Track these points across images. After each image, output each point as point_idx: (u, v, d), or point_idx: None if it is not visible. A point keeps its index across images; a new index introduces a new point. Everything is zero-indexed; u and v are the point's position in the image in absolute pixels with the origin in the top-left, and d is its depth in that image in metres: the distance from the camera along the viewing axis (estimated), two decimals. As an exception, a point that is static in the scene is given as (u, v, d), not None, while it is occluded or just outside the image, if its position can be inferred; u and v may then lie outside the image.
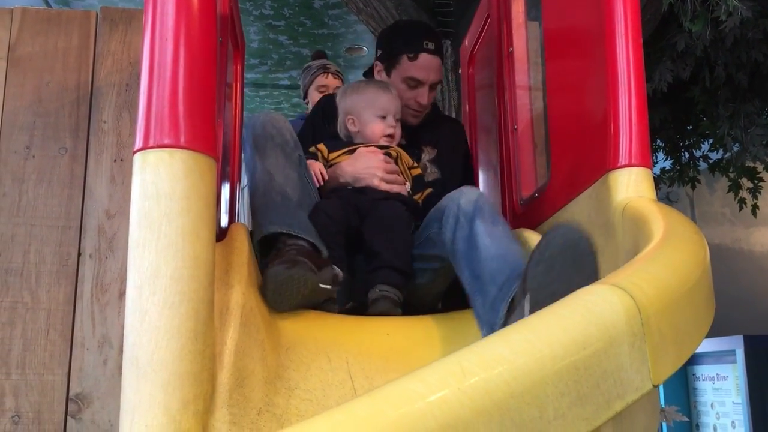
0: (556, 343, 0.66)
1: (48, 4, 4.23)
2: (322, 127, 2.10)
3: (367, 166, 1.84)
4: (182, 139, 1.10)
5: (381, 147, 1.91)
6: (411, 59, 2.03)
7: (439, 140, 2.09)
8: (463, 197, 1.55)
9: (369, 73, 2.21)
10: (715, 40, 2.92)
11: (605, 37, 1.31)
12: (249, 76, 5.02)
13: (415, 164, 1.97)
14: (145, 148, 1.10)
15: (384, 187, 1.82)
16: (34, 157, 2.03)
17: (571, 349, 0.66)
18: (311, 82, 2.91)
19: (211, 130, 1.16)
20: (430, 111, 2.17)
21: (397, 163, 1.92)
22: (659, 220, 1.02)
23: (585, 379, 0.66)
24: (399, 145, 1.97)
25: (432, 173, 2.04)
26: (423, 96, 2.04)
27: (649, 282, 0.76)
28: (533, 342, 0.65)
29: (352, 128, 1.97)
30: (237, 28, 2.15)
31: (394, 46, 2.09)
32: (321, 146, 1.97)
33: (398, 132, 1.94)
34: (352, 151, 1.93)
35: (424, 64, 2.02)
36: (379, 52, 2.14)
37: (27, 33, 2.09)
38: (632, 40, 1.28)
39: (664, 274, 0.79)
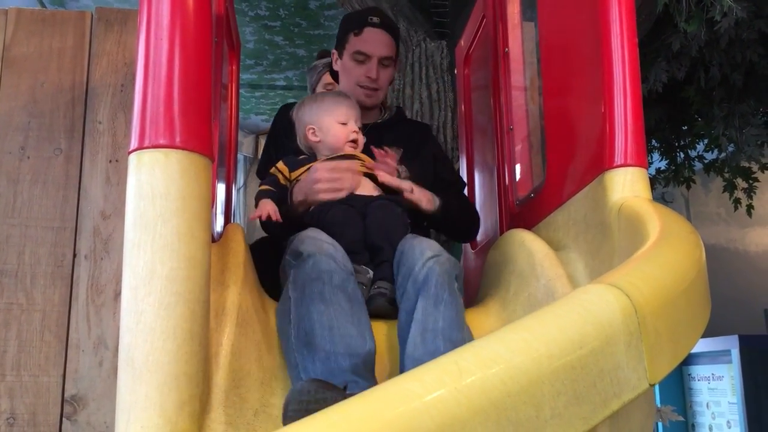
0: (553, 342, 0.66)
1: (43, 5, 4.22)
2: (285, 144, 2.04)
3: (309, 180, 1.80)
4: (177, 139, 1.09)
5: (343, 157, 1.86)
6: (356, 35, 2.06)
7: (403, 140, 2.06)
8: (419, 260, 1.51)
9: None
10: (710, 41, 2.93)
11: (601, 38, 1.31)
12: (244, 76, 5.01)
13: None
14: (140, 148, 1.10)
15: (328, 197, 1.76)
16: (29, 158, 2.03)
17: (567, 348, 0.66)
18: (318, 81, 2.81)
19: (206, 130, 1.15)
20: (396, 114, 2.19)
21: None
22: (655, 219, 1.02)
23: (581, 378, 0.66)
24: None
25: (403, 172, 1.99)
26: (372, 70, 2.04)
27: (646, 281, 0.76)
28: (530, 341, 0.65)
29: (313, 138, 1.91)
30: (232, 28, 2.15)
31: (343, 29, 2.13)
32: (280, 165, 1.92)
33: (362, 138, 1.89)
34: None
35: (369, 38, 2.04)
36: (335, 43, 2.17)
37: (22, 33, 2.09)
38: (627, 41, 1.28)
39: (660, 274, 0.80)
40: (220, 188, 1.94)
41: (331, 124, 1.87)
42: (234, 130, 2.21)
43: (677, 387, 4.54)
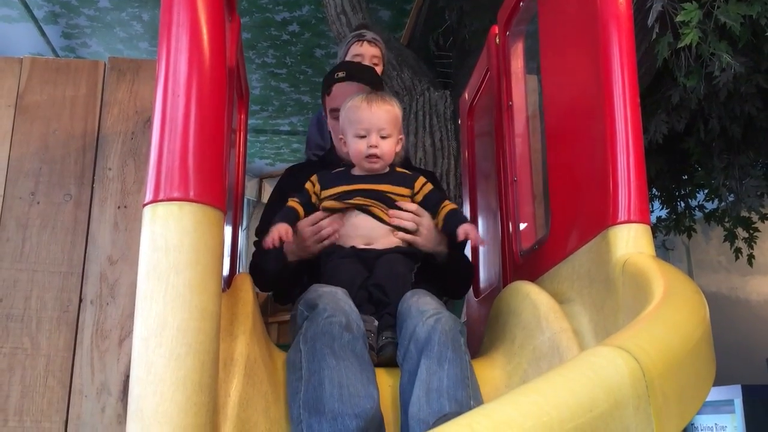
0: (563, 406, 0.67)
1: (55, 52, 4.31)
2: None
3: (297, 243, 1.80)
4: (191, 193, 1.12)
5: (367, 191, 1.81)
6: (328, 95, 2.07)
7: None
8: (420, 319, 1.50)
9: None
10: (709, 94, 2.98)
11: (603, 95, 1.35)
12: (250, 122, 5.09)
13: (416, 189, 1.86)
14: (155, 201, 1.12)
15: (317, 249, 1.78)
16: (38, 203, 2.06)
17: (578, 412, 0.67)
18: (346, 53, 2.70)
19: (219, 184, 1.18)
20: (403, 160, 2.12)
21: (386, 201, 1.81)
22: (659, 278, 1.04)
23: (591, 442, 0.67)
24: (395, 171, 1.87)
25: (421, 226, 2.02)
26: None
27: (652, 344, 0.78)
28: (541, 404, 0.67)
29: (344, 149, 1.88)
30: (242, 78, 2.20)
31: (321, 93, 2.14)
32: (313, 178, 1.88)
33: (386, 148, 1.79)
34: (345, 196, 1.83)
35: (339, 92, 2.02)
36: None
37: (36, 81, 2.14)
38: (630, 99, 1.32)
39: (667, 336, 0.81)
40: (227, 231, 1.96)
41: (352, 138, 1.82)
42: (241, 175, 2.24)
43: (680, 437, 4.48)
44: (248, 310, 1.39)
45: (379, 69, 2.62)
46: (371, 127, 1.78)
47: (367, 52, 2.64)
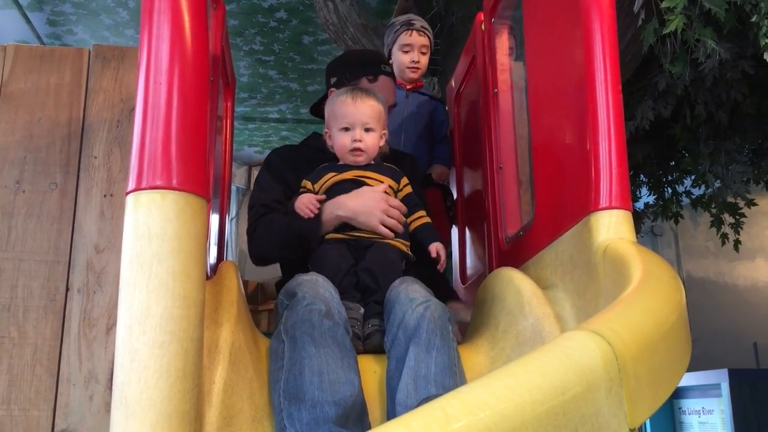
0: (536, 389, 0.68)
1: (40, 39, 4.27)
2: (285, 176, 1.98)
3: (370, 205, 1.77)
4: (174, 181, 1.12)
5: (365, 179, 1.83)
6: (371, 80, 2.06)
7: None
8: (409, 307, 1.51)
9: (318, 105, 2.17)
10: (695, 80, 2.99)
11: (585, 82, 1.35)
12: (238, 109, 5.06)
13: (402, 185, 1.90)
14: (137, 189, 1.12)
15: (381, 230, 1.77)
16: (24, 192, 2.05)
17: (550, 395, 0.68)
18: (394, 42, 2.58)
19: (202, 172, 1.18)
20: (387, 153, 2.12)
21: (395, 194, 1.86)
22: (638, 263, 1.05)
23: (564, 424, 0.68)
24: (383, 165, 1.90)
25: None
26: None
27: (626, 327, 0.79)
28: (514, 388, 0.68)
29: (329, 142, 1.90)
30: (228, 65, 2.19)
31: (354, 71, 2.10)
32: (304, 182, 1.90)
33: (369, 143, 1.83)
34: (340, 189, 1.83)
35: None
36: (333, 80, 2.13)
37: (20, 69, 2.12)
38: (611, 86, 1.33)
39: (641, 320, 0.82)
40: (214, 219, 1.96)
41: (335, 130, 1.86)
42: (228, 162, 2.24)
43: (667, 421, 4.54)
44: (233, 298, 1.39)
45: (426, 58, 2.58)
46: (355, 121, 1.81)
47: (416, 42, 2.53)
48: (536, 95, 1.75)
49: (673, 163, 4.04)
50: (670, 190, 4.15)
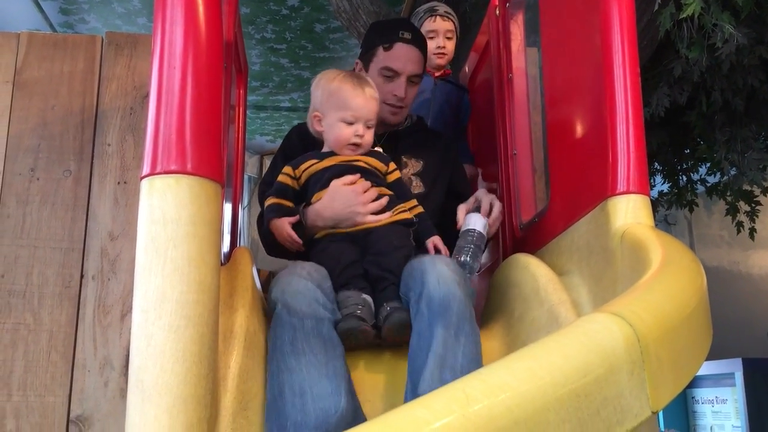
0: (557, 371, 0.68)
1: (53, 28, 4.27)
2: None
3: (347, 206, 1.67)
4: (189, 166, 1.12)
5: (349, 165, 1.73)
6: (386, 49, 1.94)
7: (424, 153, 1.98)
8: (433, 278, 1.41)
9: None
10: (711, 66, 2.96)
11: (603, 67, 1.34)
12: (250, 98, 5.06)
13: (390, 169, 1.80)
14: (152, 174, 1.12)
15: (370, 219, 1.66)
16: (38, 179, 2.06)
17: (572, 377, 0.68)
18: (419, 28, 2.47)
19: (217, 157, 1.18)
20: (416, 123, 2.08)
21: (369, 175, 1.74)
22: (657, 247, 1.04)
23: (585, 406, 0.67)
24: (369, 152, 1.79)
25: (416, 187, 1.93)
26: (400, 88, 1.93)
27: (648, 310, 0.78)
28: (535, 369, 0.67)
29: (317, 127, 1.78)
30: (240, 52, 2.19)
31: (371, 39, 2.01)
32: (285, 168, 1.77)
33: (368, 140, 1.75)
34: (321, 179, 1.72)
35: (400, 54, 1.92)
36: (360, 51, 2.07)
37: (33, 57, 2.13)
38: (630, 70, 1.31)
39: (663, 303, 0.81)
40: (227, 208, 1.96)
41: (336, 121, 1.73)
42: (241, 151, 2.24)
43: (681, 410, 4.52)
44: (247, 284, 1.39)
45: (452, 43, 2.50)
46: (361, 116, 1.72)
47: (441, 27, 2.47)
48: (552, 80, 1.73)
49: (688, 150, 4.00)
50: (684, 178, 4.11)
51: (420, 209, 1.78)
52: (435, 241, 1.72)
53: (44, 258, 2.00)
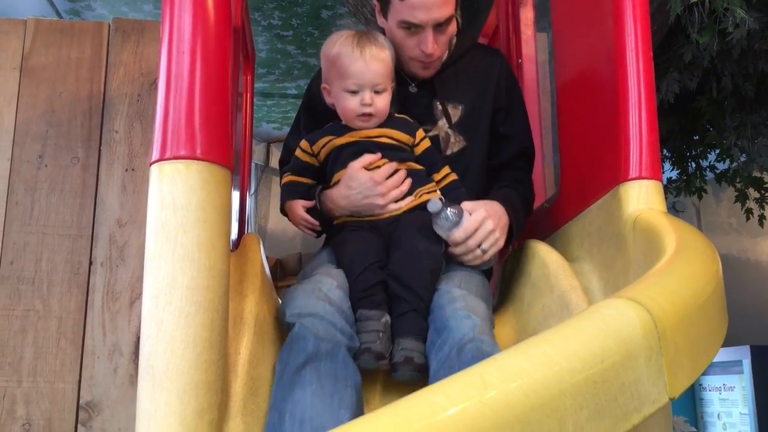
0: (574, 357, 0.67)
1: (59, 14, 4.26)
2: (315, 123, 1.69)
3: (364, 195, 1.52)
4: (198, 151, 1.11)
5: (369, 142, 1.57)
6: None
7: (466, 93, 1.69)
8: (467, 333, 1.27)
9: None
10: (721, 51, 2.93)
11: (615, 51, 1.32)
12: (257, 85, 5.04)
13: (417, 139, 1.61)
14: (161, 159, 1.11)
15: (392, 208, 1.53)
16: (46, 166, 2.06)
17: (589, 363, 0.67)
18: None
19: (226, 142, 1.17)
20: (456, 51, 1.74)
21: (393, 152, 1.58)
22: (671, 233, 1.03)
23: (603, 393, 0.67)
24: (394, 117, 1.61)
25: (457, 142, 1.68)
26: (426, 43, 1.60)
27: (665, 296, 0.77)
28: (552, 355, 0.66)
29: (328, 99, 1.62)
30: (248, 39, 2.18)
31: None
32: (302, 143, 1.63)
33: (380, 106, 1.55)
34: (339, 156, 1.58)
35: (416, 2, 1.57)
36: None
37: (40, 43, 2.12)
38: (643, 53, 1.29)
39: (679, 288, 0.80)
40: (235, 196, 1.96)
41: (340, 92, 1.56)
42: (248, 138, 2.23)
43: (688, 398, 4.51)
44: (257, 270, 1.39)
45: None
46: (365, 82, 1.53)
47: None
48: (563, 65, 1.72)
49: (698, 137, 3.98)
50: (693, 165, 4.09)
51: (452, 177, 1.61)
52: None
53: (53, 245, 2.00)
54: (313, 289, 1.35)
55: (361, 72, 1.52)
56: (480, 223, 1.49)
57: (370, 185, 1.52)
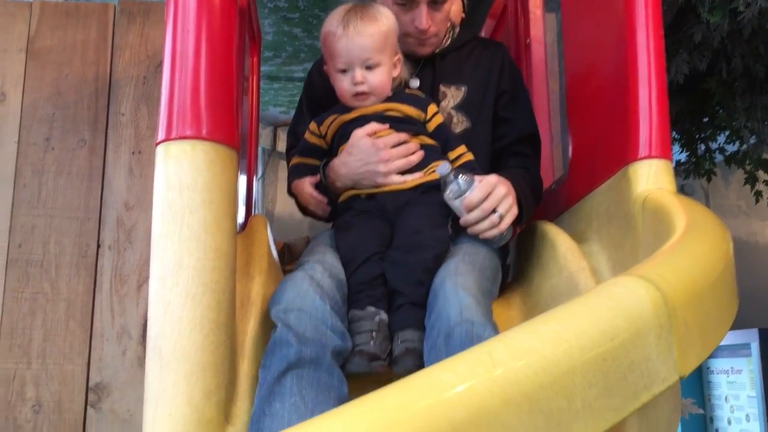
0: (583, 334, 0.66)
1: (64, -3, 4.25)
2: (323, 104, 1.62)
3: (365, 162, 1.44)
4: (204, 131, 1.11)
5: (378, 115, 1.49)
6: None
7: (467, 75, 1.65)
8: (455, 311, 1.17)
9: None
10: (732, 32, 2.89)
11: (626, 28, 1.30)
12: (263, 68, 5.01)
13: (430, 114, 1.54)
14: (167, 139, 1.11)
15: (395, 180, 1.44)
16: (53, 149, 2.06)
17: (598, 340, 0.67)
18: None
19: (232, 122, 1.17)
20: (459, 38, 1.71)
21: (403, 125, 1.50)
22: (681, 212, 1.02)
23: (612, 370, 0.66)
24: (404, 92, 1.56)
25: (459, 123, 1.63)
26: (420, 18, 1.56)
27: (675, 274, 0.76)
28: (561, 333, 0.66)
29: (332, 81, 1.54)
30: (254, 20, 2.16)
31: None
32: (312, 126, 1.57)
33: (375, 82, 1.47)
34: (346, 133, 1.50)
35: None
36: None
37: (46, 26, 2.12)
38: (653, 31, 1.28)
39: (689, 266, 0.80)
40: (242, 180, 1.95)
41: (333, 73, 1.51)
42: (255, 121, 2.23)
43: (696, 380, 4.51)
44: (264, 251, 1.39)
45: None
46: (352, 59, 1.46)
47: None
48: (572, 44, 1.70)
49: (707, 119, 3.94)
50: (702, 147, 4.05)
51: (468, 156, 1.54)
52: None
53: (60, 228, 2.01)
54: (303, 278, 1.25)
55: (346, 49, 1.46)
56: (493, 186, 1.39)
57: (372, 151, 1.44)
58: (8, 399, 1.88)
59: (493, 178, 1.42)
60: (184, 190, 1.08)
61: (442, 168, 1.40)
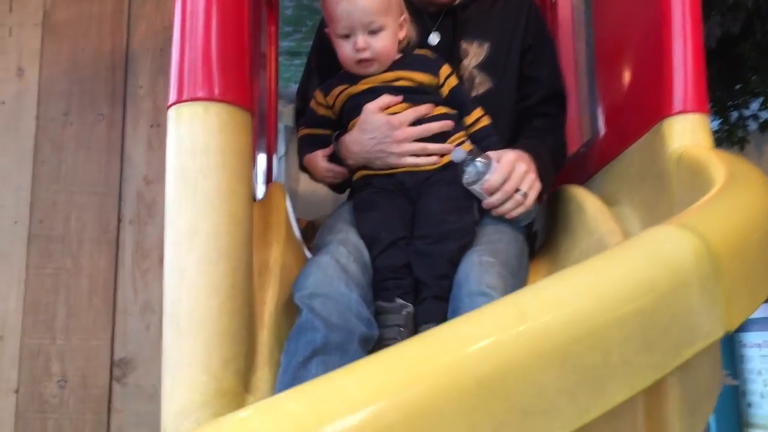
0: (621, 285, 0.61)
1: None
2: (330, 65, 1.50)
3: (378, 140, 1.35)
4: (216, 92, 1.07)
5: (388, 86, 1.40)
6: None
7: (491, 31, 1.54)
8: (477, 298, 1.13)
9: None
10: (768, -9, 2.79)
11: (658, -23, 1.23)
12: (283, 44, 4.96)
13: (442, 78, 1.43)
14: (179, 101, 1.07)
15: (409, 162, 1.36)
16: (71, 124, 2.04)
17: (637, 292, 0.61)
18: None
19: (245, 83, 1.12)
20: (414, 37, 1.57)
21: (414, 95, 1.39)
22: (720, 166, 0.96)
23: (652, 324, 0.61)
24: (412, 54, 1.45)
25: (482, 83, 1.52)
26: None
27: (719, 221, 0.71)
28: (595, 284, 0.61)
29: (333, 46, 1.44)
30: (270, -14, 2.11)
31: None
32: (318, 95, 1.48)
33: (378, 47, 1.36)
34: (356, 106, 1.40)
35: None
36: None
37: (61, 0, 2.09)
38: (687, -22, 1.20)
39: (734, 215, 0.74)
40: (261, 158, 1.89)
41: (334, 38, 1.40)
42: (273, 97, 2.17)
43: (728, 354, 4.43)
44: (281, 218, 1.35)
45: None
46: (353, 23, 1.34)
47: None
48: (599, 1, 1.62)
49: (740, 86, 3.82)
50: (735, 115, 3.94)
51: (484, 121, 1.44)
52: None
53: (81, 203, 1.99)
54: (329, 262, 1.20)
55: (346, 12, 1.34)
56: (513, 165, 1.32)
57: (385, 129, 1.34)
58: (33, 374, 1.88)
59: (511, 155, 1.34)
60: (197, 154, 1.04)
61: (456, 154, 1.32)
